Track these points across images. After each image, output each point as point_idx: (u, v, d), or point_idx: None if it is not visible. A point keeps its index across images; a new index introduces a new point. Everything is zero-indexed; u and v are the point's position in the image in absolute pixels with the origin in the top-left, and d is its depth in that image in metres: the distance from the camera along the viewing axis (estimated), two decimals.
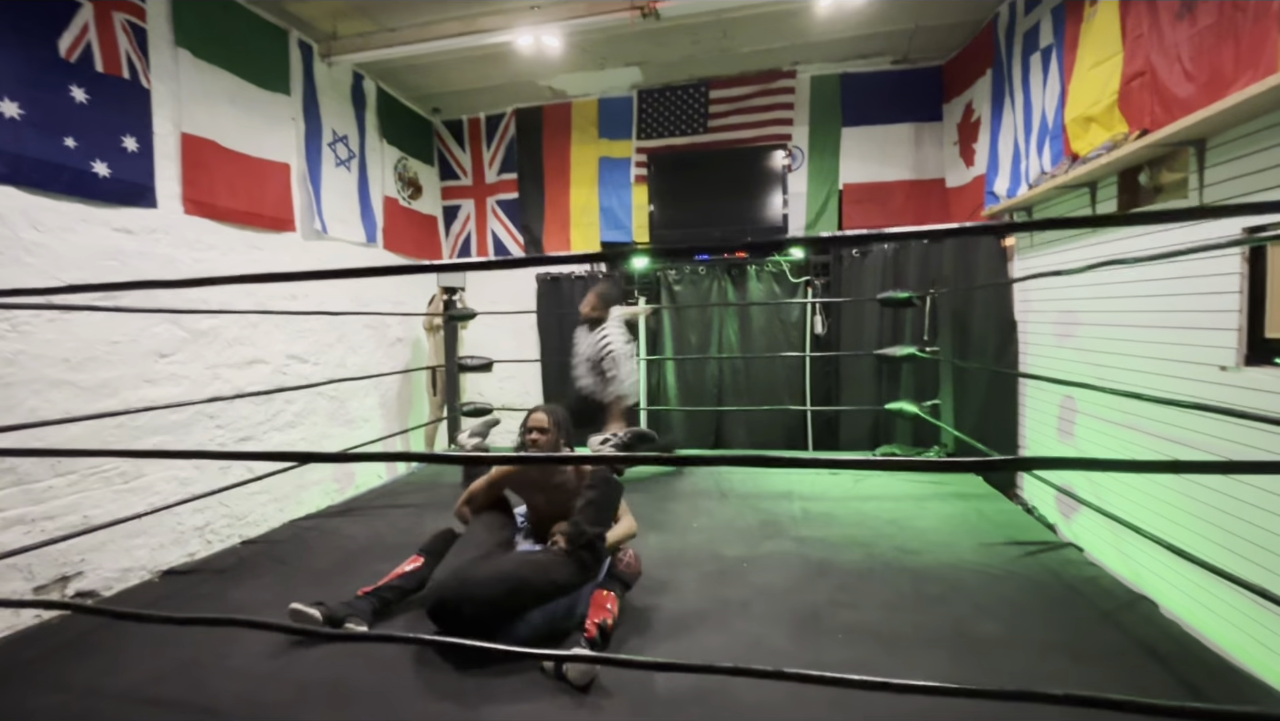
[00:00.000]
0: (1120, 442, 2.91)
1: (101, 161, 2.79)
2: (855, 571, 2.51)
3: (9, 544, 2.38)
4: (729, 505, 3.39)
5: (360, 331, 4.58)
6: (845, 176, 4.92)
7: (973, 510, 3.23)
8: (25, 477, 2.50)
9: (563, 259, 1.44)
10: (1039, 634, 2.01)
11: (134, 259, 2.95)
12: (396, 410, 5.02)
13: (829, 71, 4.89)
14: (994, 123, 4.01)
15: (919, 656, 1.91)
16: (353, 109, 4.54)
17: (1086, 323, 3.21)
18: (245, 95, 3.59)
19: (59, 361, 2.64)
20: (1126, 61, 2.74)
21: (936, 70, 4.74)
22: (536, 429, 2.46)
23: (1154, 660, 1.84)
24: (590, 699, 1.72)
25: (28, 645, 2.10)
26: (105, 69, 2.82)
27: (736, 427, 5.15)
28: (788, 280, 5.04)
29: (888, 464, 1.06)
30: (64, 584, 2.63)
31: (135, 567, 2.90)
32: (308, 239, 4.07)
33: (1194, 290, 2.43)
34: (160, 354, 3.07)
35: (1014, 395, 4.05)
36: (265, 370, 3.69)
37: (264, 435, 3.66)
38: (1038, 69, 3.46)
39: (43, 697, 1.79)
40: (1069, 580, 2.38)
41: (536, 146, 5.50)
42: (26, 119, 2.52)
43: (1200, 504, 2.39)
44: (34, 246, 2.57)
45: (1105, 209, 3.02)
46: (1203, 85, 2.30)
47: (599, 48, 4.46)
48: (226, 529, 3.37)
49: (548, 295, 5.48)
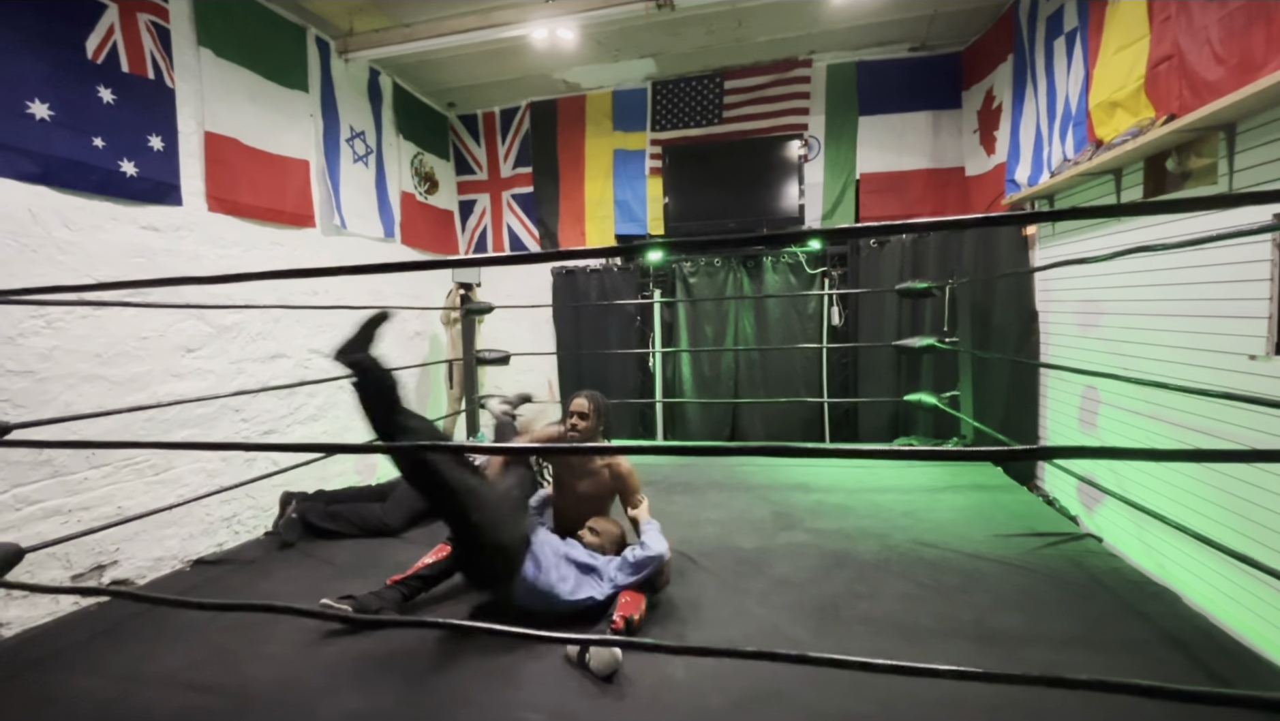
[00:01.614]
0: (1144, 433, 2.87)
1: (129, 160, 2.85)
2: (872, 562, 2.51)
3: (48, 534, 2.45)
4: (742, 496, 3.40)
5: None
6: (862, 166, 4.87)
7: (991, 501, 3.21)
8: (62, 470, 2.58)
9: (580, 253, 1.46)
10: (1060, 625, 2.00)
11: (161, 256, 3.02)
12: (416, 403, 5.08)
13: (845, 60, 4.83)
14: (1015, 109, 3.94)
15: (939, 646, 1.91)
16: (369, 105, 4.58)
17: (1110, 312, 3.16)
18: (265, 93, 3.63)
19: (91, 356, 2.71)
20: (1153, 45, 2.68)
21: (955, 57, 4.66)
22: (577, 413, 2.51)
23: (1178, 651, 1.82)
24: (613, 687, 1.74)
25: (68, 631, 2.18)
26: (131, 69, 2.87)
27: (753, 420, 5.14)
28: (804, 271, 5.01)
29: (902, 453, 1.06)
30: (100, 572, 2.71)
31: (167, 557, 2.98)
32: (327, 234, 4.13)
33: (1222, 278, 2.39)
34: (187, 349, 3.14)
35: (1035, 386, 4.00)
36: (288, 364, 3.75)
37: (287, 428, 3.73)
38: (1061, 53, 3.39)
39: (83, 681, 1.86)
40: (1091, 571, 2.37)
41: (551, 140, 5.51)
42: (57, 120, 2.58)
43: (1226, 494, 2.36)
44: (66, 245, 2.64)
45: (1131, 196, 2.97)
46: (1233, 68, 2.25)
47: (613, 40, 4.45)
48: (253, 520, 3.44)
49: (563, 289, 5.50)
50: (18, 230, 2.47)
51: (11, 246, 2.45)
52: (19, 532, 2.39)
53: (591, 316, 5.47)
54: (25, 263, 2.49)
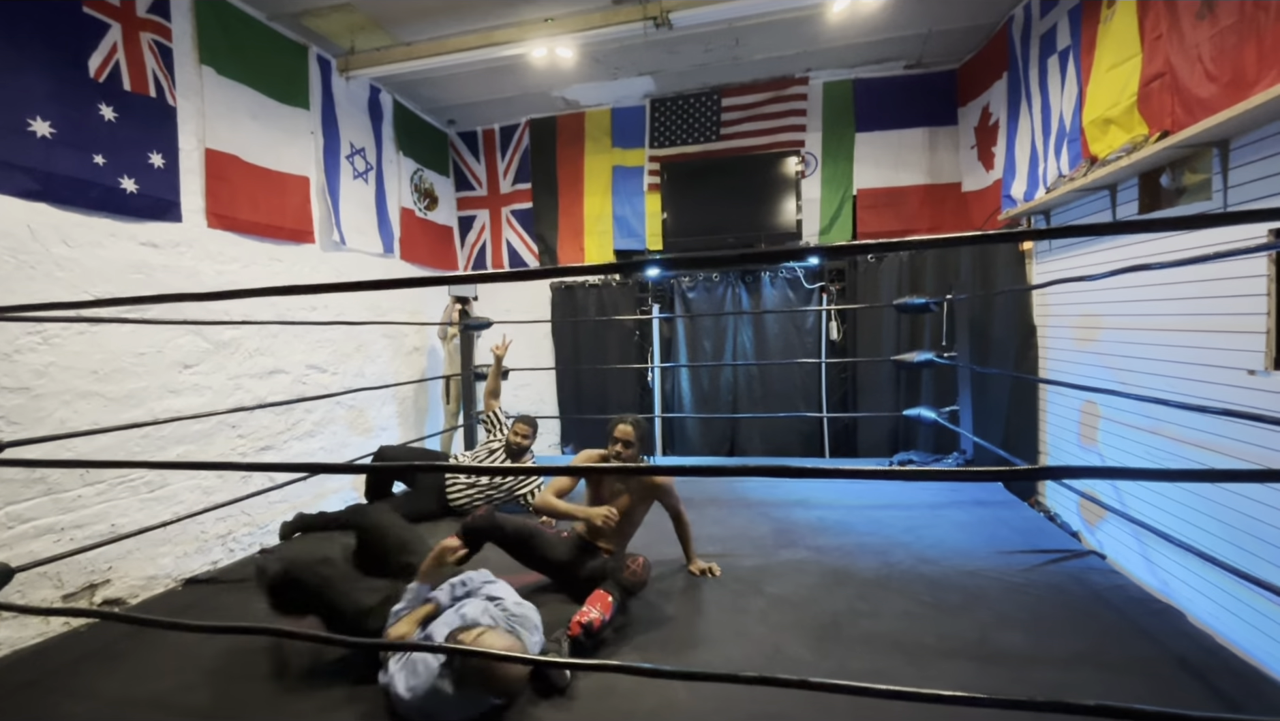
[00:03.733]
0: (1144, 448, 2.86)
1: (129, 178, 2.86)
2: (873, 580, 2.49)
3: (40, 552, 2.43)
4: (743, 513, 3.38)
5: (378, 341, 4.63)
6: (859, 182, 4.91)
7: (993, 517, 3.19)
8: (55, 487, 2.55)
9: (578, 270, 1.46)
10: (1065, 644, 1.97)
11: (159, 272, 3.02)
12: (414, 418, 5.06)
13: (841, 77, 4.88)
14: (1010, 126, 3.98)
15: (942, 666, 1.89)
16: (370, 122, 4.61)
17: (1108, 326, 3.17)
18: (266, 110, 3.66)
19: (88, 373, 2.70)
20: (1145, 63, 2.71)
21: (950, 74, 4.71)
22: (623, 441, 2.52)
23: (1185, 671, 1.80)
24: (616, 708, 1.71)
25: (58, 653, 2.15)
26: (133, 88, 2.89)
27: (752, 435, 5.12)
28: (802, 286, 5.02)
29: (906, 474, 1.05)
30: (92, 591, 2.68)
31: (160, 576, 2.95)
32: (326, 250, 4.13)
33: (1220, 293, 2.39)
34: (184, 365, 3.13)
35: (1034, 400, 3.99)
36: (285, 380, 3.74)
37: (284, 444, 3.71)
38: (1055, 71, 3.43)
39: (74, 705, 1.82)
40: (1094, 588, 2.34)
41: (550, 156, 5.55)
42: (58, 137, 2.59)
43: (1230, 510, 2.34)
44: (64, 261, 2.64)
45: (1125, 211, 2.99)
46: (1225, 85, 2.27)
47: (612, 58, 4.50)
48: (248, 537, 3.41)
49: (562, 303, 5.51)
50: (16, 247, 2.47)
51: (9, 263, 2.45)
52: (11, 551, 2.36)
53: (590, 331, 5.48)
54: (23, 279, 2.49)
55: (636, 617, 2.25)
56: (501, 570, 2.21)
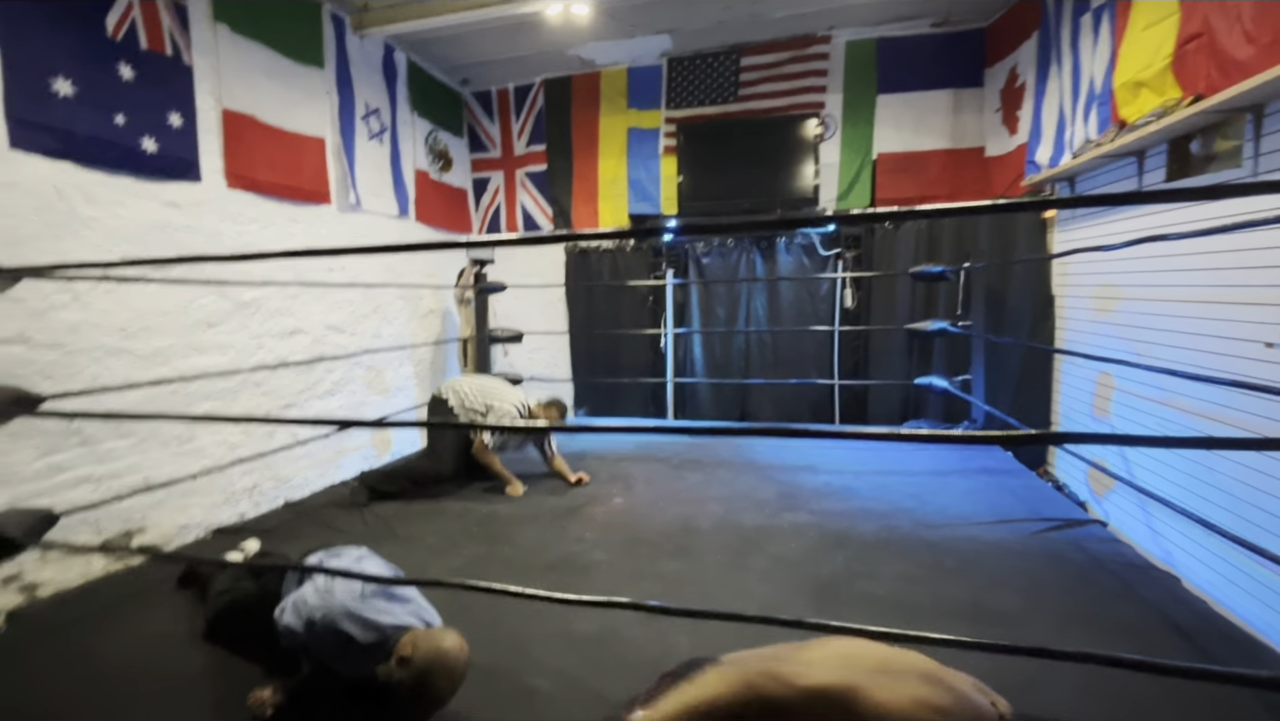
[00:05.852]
0: (1157, 420, 2.85)
1: (150, 137, 2.90)
2: (873, 543, 2.54)
3: (78, 500, 2.56)
4: (749, 475, 3.44)
5: (395, 302, 4.69)
6: (880, 146, 4.79)
7: (998, 486, 3.22)
8: (90, 439, 2.67)
9: (593, 235, 1.48)
10: (1058, 606, 2.02)
11: (180, 232, 3.08)
12: (430, 379, 5.16)
13: (865, 36, 4.72)
14: (1039, 88, 3.85)
15: (937, 625, 1.93)
16: (384, 81, 4.58)
17: (1127, 297, 3.13)
18: (281, 69, 3.65)
19: (116, 330, 2.79)
20: (1183, 22, 2.60)
21: (979, 33, 4.54)
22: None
23: (1175, 633, 1.84)
24: (618, 655, 1.80)
25: (99, 593, 2.29)
26: (149, 46, 2.90)
27: (763, 401, 5.15)
28: (818, 253, 4.98)
29: (905, 436, 1.08)
30: (128, 538, 2.83)
31: (191, 525, 3.09)
32: (343, 211, 4.17)
33: (1241, 264, 2.35)
34: (208, 324, 3.21)
35: (1049, 371, 3.97)
36: (305, 340, 3.83)
37: (305, 402, 3.82)
38: (1088, 30, 3.30)
39: (113, 640, 1.96)
40: (1093, 555, 2.38)
41: (565, 117, 5.48)
42: (79, 96, 2.62)
43: (1237, 481, 2.35)
44: (90, 220, 2.70)
45: (1153, 179, 2.91)
46: (1264, 47, 2.18)
47: (628, 14, 4.39)
48: (273, 490, 3.55)
49: (576, 268, 5.51)
50: (43, 206, 2.53)
51: (36, 223, 2.51)
52: (52, 499, 2.50)
53: (604, 296, 5.49)
54: (50, 238, 2.56)
55: (636, 571, 2.34)
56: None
